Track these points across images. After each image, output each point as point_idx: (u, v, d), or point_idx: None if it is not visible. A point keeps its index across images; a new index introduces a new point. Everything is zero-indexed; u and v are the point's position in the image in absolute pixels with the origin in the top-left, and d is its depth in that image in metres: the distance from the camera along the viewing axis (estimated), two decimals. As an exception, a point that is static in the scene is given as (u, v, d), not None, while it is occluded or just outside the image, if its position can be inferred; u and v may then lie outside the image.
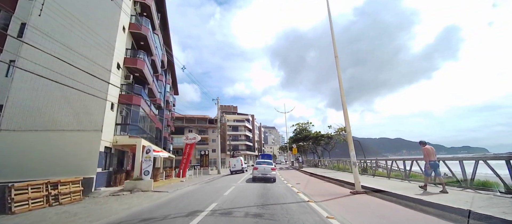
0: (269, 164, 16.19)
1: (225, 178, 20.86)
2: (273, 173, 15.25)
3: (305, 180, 16.72)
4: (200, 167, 28.83)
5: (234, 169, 26.15)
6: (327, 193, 9.49)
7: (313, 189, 11.19)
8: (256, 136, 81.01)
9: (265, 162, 16.94)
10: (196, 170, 26.33)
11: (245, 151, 64.43)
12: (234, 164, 26.28)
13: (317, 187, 12.17)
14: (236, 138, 65.04)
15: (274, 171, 15.45)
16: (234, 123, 66.65)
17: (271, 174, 15.07)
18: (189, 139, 23.11)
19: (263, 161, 17.29)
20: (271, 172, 15.19)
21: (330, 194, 9.16)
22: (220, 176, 24.59)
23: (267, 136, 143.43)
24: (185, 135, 23.54)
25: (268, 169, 15.29)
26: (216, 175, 24.94)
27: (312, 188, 11.88)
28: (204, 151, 29.46)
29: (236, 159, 26.63)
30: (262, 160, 18.25)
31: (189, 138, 23.13)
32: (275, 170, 15.96)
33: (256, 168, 15.84)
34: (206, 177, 22.61)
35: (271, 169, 15.44)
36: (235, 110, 73.71)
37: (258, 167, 15.69)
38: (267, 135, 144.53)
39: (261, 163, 16.50)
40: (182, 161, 22.82)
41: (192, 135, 23.42)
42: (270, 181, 14.85)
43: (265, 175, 15.12)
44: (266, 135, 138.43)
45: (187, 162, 22.72)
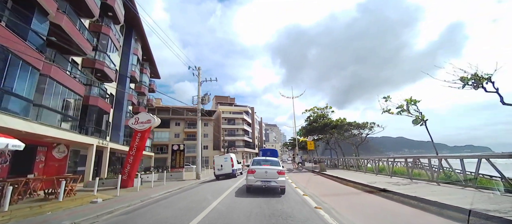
0: (274, 164, 9.74)
1: (204, 187, 12.08)
2: (282, 179, 8.90)
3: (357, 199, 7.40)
4: (172, 169, 19.35)
5: (221, 172, 16.70)
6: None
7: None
8: (256, 132, 71.43)
9: (267, 161, 10.19)
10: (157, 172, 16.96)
11: (243, 148, 54.91)
12: (220, 164, 16.74)
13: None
14: (232, 133, 55.48)
15: (282, 176, 8.99)
16: (231, 115, 57.06)
17: (278, 182, 8.82)
18: (140, 123, 13.64)
19: (264, 160, 10.33)
20: (277, 177, 8.87)
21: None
22: (197, 183, 15.24)
23: (268, 133, 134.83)
24: (135, 117, 14.02)
25: (272, 173, 8.97)
26: (193, 182, 15.60)
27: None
28: (179, 145, 19.95)
29: (224, 157, 17.07)
30: (263, 158, 10.92)
31: (139, 121, 13.65)
32: (284, 175, 9.13)
33: (252, 171, 9.25)
34: (174, 185, 13.25)
35: (277, 172, 8.97)
36: (232, 101, 64.10)
37: (256, 170, 9.19)
38: (268, 133, 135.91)
39: (260, 163, 9.94)
40: (127, 159, 13.36)
41: (144, 115, 13.92)
42: (277, 192, 8.88)
43: (267, 184, 8.81)
44: (267, 132, 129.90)
45: (136, 161, 13.27)
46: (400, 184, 8.82)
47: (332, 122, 23.01)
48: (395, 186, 8.30)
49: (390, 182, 9.52)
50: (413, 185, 8.49)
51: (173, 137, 47.56)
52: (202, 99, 19.76)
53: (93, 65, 16.15)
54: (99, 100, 16.12)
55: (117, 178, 11.26)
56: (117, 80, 22.89)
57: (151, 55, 33.04)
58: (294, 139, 56.40)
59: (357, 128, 22.14)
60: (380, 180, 10.58)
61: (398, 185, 8.52)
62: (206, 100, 19.85)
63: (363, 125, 21.94)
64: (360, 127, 22.10)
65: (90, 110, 15.69)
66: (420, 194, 6.46)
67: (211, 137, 50.69)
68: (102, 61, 16.57)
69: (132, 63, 25.45)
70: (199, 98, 19.51)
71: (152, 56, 33.53)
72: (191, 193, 10.33)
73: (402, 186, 8.38)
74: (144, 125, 13.63)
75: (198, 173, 17.72)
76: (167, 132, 47.59)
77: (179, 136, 48.47)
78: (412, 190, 7.39)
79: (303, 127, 26.74)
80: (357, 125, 22.07)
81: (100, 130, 17.05)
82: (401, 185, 8.66)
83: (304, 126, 26.44)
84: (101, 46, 17.01)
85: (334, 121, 23.15)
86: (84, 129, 15.41)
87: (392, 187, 8.04)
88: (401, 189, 7.49)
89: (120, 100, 22.77)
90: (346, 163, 19.77)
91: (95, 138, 15.16)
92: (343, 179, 11.93)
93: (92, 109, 15.79)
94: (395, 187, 8.03)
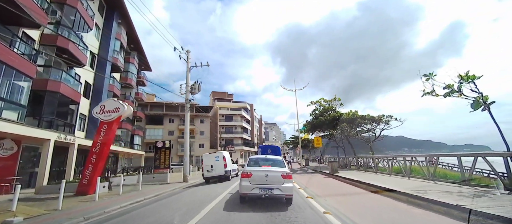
0: (278, 165, 6.90)
1: (186, 195, 9.42)
2: (288, 186, 6.06)
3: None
4: (155, 170, 16.37)
5: (211, 174, 13.67)
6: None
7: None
8: (256, 130, 68.46)
9: (268, 160, 7.31)
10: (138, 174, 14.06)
11: (242, 146, 51.93)
12: (210, 164, 13.66)
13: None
14: (230, 130, 52.48)
15: (288, 182, 6.13)
16: (229, 112, 53.98)
17: (283, 189, 5.99)
18: (106, 112, 10.64)
19: (263, 159, 7.45)
20: (282, 183, 6.06)
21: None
22: (182, 187, 12.33)
23: (268, 132, 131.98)
24: (100, 104, 11.02)
25: (275, 177, 6.13)
26: (178, 185, 12.68)
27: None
28: (164, 141, 16.88)
29: (215, 156, 13.99)
30: (262, 157, 7.84)
31: (105, 109, 10.66)
32: (291, 179, 6.33)
33: (247, 174, 6.36)
34: (151, 191, 10.28)
35: (282, 176, 6.16)
36: (230, 97, 61.00)
37: (253, 173, 6.33)
38: (268, 131, 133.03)
39: (259, 162, 7.10)
40: (88, 159, 10.37)
41: (112, 102, 10.91)
42: (282, 202, 6.34)
43: (268, 192, 5.99)
44: (266, 131, 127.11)
45: (100, 160, 10.26)
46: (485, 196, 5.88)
47: (343, 115, 20.03)
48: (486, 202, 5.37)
49: (464, 193, 6.58)
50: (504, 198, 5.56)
51: (166, 134, 44.53)
52: (191, 88, 16.77)
53: (55, 43, 13.12)
54: (62, 86, 13.08)
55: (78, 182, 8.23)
56: (95, 67, 19.90)
57: (139, 44, 29.99)
58: (295, 137, 53.40)
59: (371, 122, 19.18)
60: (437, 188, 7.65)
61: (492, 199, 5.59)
62: (196, 89, 16.84)
63: (378, 119, 18.99)
64: (375, 120, 19.15)
65: (49, 97, 12.67)
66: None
67: (207, 135, 47.66)
68: (66, 38, 13.53)
69: (115, 49, 22.43)
70: (188, 87, 16.50)
71: (140, 46, 30.47)
72: (165, 205, 7.38)
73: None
74: (112, 114, 10.63)
75: (185, 175, 14.73)
76: (160, 129, 44.57)
77: (173, 133, 45.44)
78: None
79: (308, 121, 23.75)
80: (371, 119, 19.11)
81: (64, 123, 14.04)
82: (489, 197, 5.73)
83: (309, 120, 23.45)
84: (66, 21, 13.98)
85: (345, 114, 20.17)
86: (42, 120, 12.41)
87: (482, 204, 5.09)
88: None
89: (99, 91, 19.76)
90: (361, 163, 16.85)
91: (53, 132, 12.16)
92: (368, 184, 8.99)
93: (52, 96, 12.77)
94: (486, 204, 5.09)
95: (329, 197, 7.64)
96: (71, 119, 15.53)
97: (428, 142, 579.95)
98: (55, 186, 11.14)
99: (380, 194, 7.63)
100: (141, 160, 33.41)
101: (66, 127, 14.25)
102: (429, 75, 8.75)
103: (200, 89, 17.10)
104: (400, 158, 11.70)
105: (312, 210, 5.79)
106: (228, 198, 7.82)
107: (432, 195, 5.95)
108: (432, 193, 6.18)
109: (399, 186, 7.67)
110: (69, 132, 14.52)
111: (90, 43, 17.77)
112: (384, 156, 13.53)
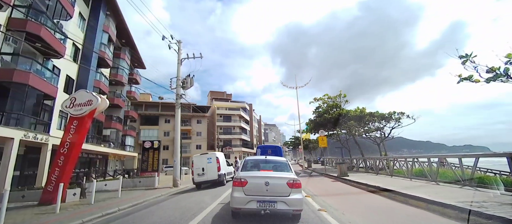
0: (281, 168, 5.24)
1: (169, 206, 7.68)
2: (297, 198, 4.35)
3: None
4: (142, 173, 14.66)
5: (202, 179, 11.92)
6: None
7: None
8: (255, 130, 66.76)
9: (268, 162, 5.53)
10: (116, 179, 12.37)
11: (240, 147, 50.20)
12: (201, 167, 11.91)
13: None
14: (228, 131, 50.74)
15: (297, 192, 4.41)
16: (227, 112, 52.24)
17: (290, 202, 4.33)
18: (77, 106, 8.96)
19: (263, 161, 5.62)
20: (288, 193, 4.37)
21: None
22: (168, 194, 10.65)
23: (268, 133, 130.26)
24: (70, 97, 9.35)
25: (278, 185, 4.44)
26: (165, 191, 10.98)
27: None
28: (152, 142, 15.17)
29: (207, 158, 12.22)
30: (261, 158, 5.98)
31: (76, 102, 8.98)
32: (300, 188, 4.46)
33: (242, 182, 4.49)
34: (131, 199, 8.61)
35: (287, 184, 4.42)
36: (228, 97, 59.30)
37: (249, 180, 4.54)
38: (268, 132, 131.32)
39: (259, 165, 5.40)
40: (55, 162, 8.69)
41: (84, 94, 9.24)
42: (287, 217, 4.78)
43: (270, 206, 4.28)
44: (266, 132, 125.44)
45: (68, 164, 8.56)
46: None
47: (350, 112, 18.36)
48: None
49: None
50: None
51: (162, 135, 42.73)
52: (183, 82, 15.11)
53: (24, 28, 11.44)
54: (32, 77, 11.37)
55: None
56: (79, 60, 18.21)
57: (131, 39, 28.28)
58: (295, 137, 51.74)
59: (381, 120, 17.54)
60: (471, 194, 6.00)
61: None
62: (189, 84, 15.18)
63: (388, 116, 17.36)
64: (385, 118, 17.52)
65: (15, 90, 10.97)
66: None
67: (205, 136, 45.94)
68: (38, 22, 11.85)
69: (102, 42, 20.76)
70: (179, 80, 14.85)
71: (133, 41, 28.76)
72: (137, 219, 5.70)
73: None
74: (83, 108, 8.94)
75: (175, 179, 13.02)
76: (156, 130, 42.83)
77: (169, 134, 43.63)
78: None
79: (311, 119, 22.08)
80: (381, 116, 17.47)
81: (37, 120, 12.33)
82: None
83: (313, 118, 21.79)
84: (41, 4, 12.31)
85: (351, 111, 18.51)
86: (6, 116, 10.71)
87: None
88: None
89: (83, 86, 17.98)
90: (369, 164, 15.20)
91: (19, 130, 10.45)
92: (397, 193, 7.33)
93: (19, 89, 11.07)
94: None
95: (348, 210, 5.95)
96: (48, 116, 13.82)
97: (428, 142, 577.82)
98: (18, 193, 9.50)
99: (419, 208, 5.94)
100: (134, 162, 31.65)
101: (38, 124, 12.54)
102: (467, 57, 7.13)
103: (193, 83, 15.41)
104: (422, 159, 10.04)
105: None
106: (218, 210, 6.15)
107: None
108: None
109: (443, 196, 5.98)
110: (44, 131, 12.82)
111: (73, 33, 16.12)
112: (400, 157, 11.86)
